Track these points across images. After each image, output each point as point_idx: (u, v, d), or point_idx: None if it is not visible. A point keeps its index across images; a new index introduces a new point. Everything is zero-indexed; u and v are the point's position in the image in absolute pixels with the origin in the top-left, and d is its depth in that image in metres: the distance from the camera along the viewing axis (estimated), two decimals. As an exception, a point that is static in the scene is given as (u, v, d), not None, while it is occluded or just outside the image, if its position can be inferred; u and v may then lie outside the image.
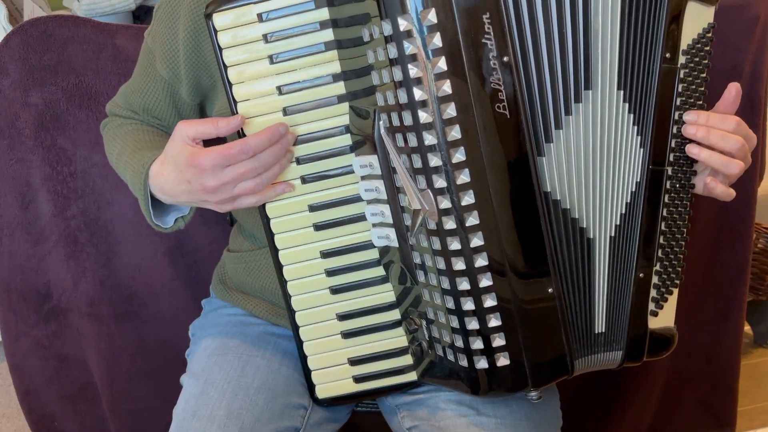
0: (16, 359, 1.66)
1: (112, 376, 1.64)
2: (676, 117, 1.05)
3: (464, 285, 1.00)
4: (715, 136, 1.03)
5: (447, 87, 0.94)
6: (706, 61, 1.05)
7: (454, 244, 0.99)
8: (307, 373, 1.16)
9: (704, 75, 1.06)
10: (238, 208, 1.06)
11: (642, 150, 1.05)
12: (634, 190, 1.06)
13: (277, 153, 1.02)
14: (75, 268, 1.59)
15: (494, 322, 1.01)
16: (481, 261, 0.99)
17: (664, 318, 1.11)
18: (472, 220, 0.97)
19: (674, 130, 1.05)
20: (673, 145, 1.06)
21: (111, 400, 1.66)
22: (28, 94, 1.51)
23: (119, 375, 1.65)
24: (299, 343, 1.14)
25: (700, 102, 1.06)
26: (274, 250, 1.10)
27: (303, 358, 1.15)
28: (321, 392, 1.17)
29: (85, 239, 1.57)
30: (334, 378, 1.16)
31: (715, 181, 1.07)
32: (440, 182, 0.97)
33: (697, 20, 1.04)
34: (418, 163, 0.97)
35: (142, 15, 2.40)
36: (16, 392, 1.70)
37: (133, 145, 1.20)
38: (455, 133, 0.95)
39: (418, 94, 0.95)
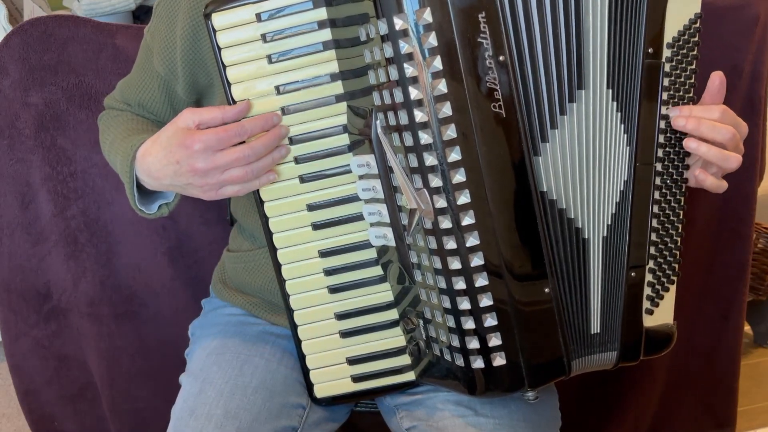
0: (16, 359, 1.66)
1: (112, 376, 1.64)
2: (664, 112, 1.04)
3: (460, 284, 1.00)
4: (705, 127, 1.02)
5: (443, 86, 0.94)
6: (695, 53, 1.04)
7: (450, 244, 0.99)
8: (305, 372, 1.16)
9: (693, 67, 1.04)
10: (222, 197, 1.05)
11: (628, 148, 1.05)
12: (623, 189, 1.06)
13: (269, 143, 1.03)
14: (75, 268, 1.59)
15: (490, 321, 1.01)
16: (476, 260, 0.99)
17: (661, 315, 1.11)
18: (468, 219, 0.97)
19: (662, 126, 1.05)
20: (662, 140, 1.05)
21: (111, 400, 1.66)
22: (28, 94, 1.51)
23: (119, 375, 1.65)
24: (297, 342, 1.14)
25: (690, 95, 1.05)
26: (273, 249, 1.10)
27: (301, 357, 1.15)
28: (319, 391, 1.17)
29: (85, 239, 1.57)
30: (332, 377, 1.16)
31: (705, 173, 1.06)
32: (436, 181, 0.97)
33: (682, 12, 1.03)
34: (414, 162, 0.98)
35: (142, 15, 2.41)
36: (16, 392, 1.70)
37: (125, 132, 1.20)
38: (451, 132, 0.95)
39: (414, 93, 0.95)
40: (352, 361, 1.14)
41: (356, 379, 1.15)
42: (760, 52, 1.58)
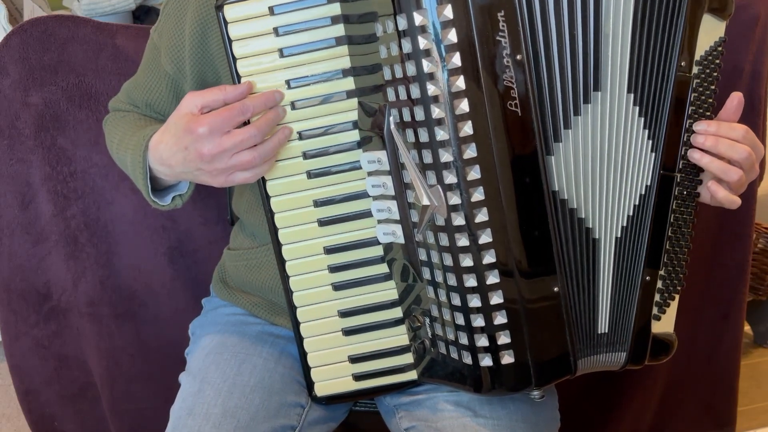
0: (16, 359, 1.66)
1: (112, 376, 1.64)
2: (687, 125, 1.06)
3: (471, 282, 1.00)
4: (724, 145, 1.04)
5: (460, 83, 0.94)
6: (716, 74, 1.06)
7: (462, 241, 0.99)
8: (306, 370, 1.16)
9: (714, 87, 1.06)
10: (232, 183, 1.05)
11: (653, 154, 1.06)
12: (643, 193, 1.06)
13: (272, 120, 1.02)
14: (75, 268, 1.58)
15: (500, 319, 1.01)
16: (489, 258, 0.99)
17: (665, 323, 1.12)
18: (482, 216, 0.97)
19: (684, 138, 1.06)
20: (683, 152, 1.06)
21: (111, 400, 1.66)
22: (28, 94, 1.50)
23: (119, 375, 1.64)
24: (299, 340, 1.14)
25: (709, 113, 1.07)
26: (278, 245, 1.10)
27: (303, 355, 1.15)
28: (320, 390, 1.16)
29: (85, 239, 1.57)
30: (333, 376, 1.15)
31: (717, 185, 1.07)
32: (450, 178, 0.97)
33: (710, 33, 1.05)
34: (428, 158, 0.98)
35: (142, 15, 2.41)
36: (16, 392, 1.70)
37: (134, 129, 1.20)
38: (467, 129, 0.95)
39: (431, 89, 0.95)
40: (355, 359, 1.14)
41: (358, 377, 1.15)
42: (760, 52, 1.59)
